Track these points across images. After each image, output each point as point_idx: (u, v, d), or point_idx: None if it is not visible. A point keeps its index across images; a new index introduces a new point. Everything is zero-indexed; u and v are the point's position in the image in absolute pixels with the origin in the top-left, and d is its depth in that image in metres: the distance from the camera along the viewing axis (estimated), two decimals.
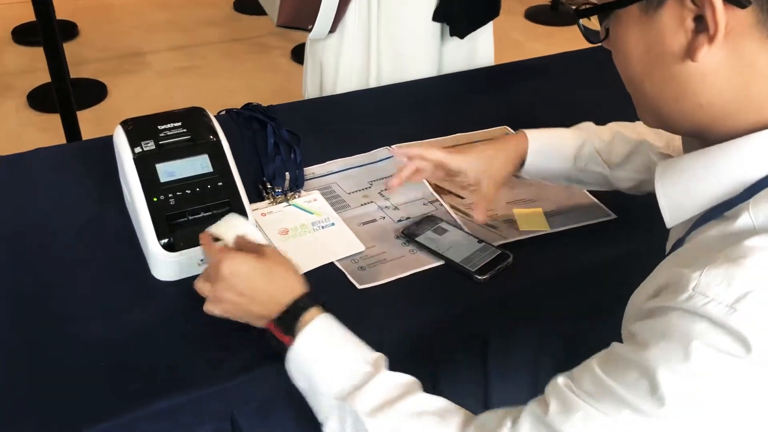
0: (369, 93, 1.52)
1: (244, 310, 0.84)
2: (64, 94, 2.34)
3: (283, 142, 1.31)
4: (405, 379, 0.76)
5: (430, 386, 0.77)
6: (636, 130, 1.07)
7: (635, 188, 1.08)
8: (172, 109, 1.06)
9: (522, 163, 1.05)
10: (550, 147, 1.05)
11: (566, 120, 1.43)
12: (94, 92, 3.09)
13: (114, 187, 1.11)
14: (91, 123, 2.82)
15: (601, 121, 1.47)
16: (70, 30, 3.56)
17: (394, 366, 1.00)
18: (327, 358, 0.78)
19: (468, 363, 1.03)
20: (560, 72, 1.63)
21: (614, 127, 1.08)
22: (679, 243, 0.68)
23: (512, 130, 1.38)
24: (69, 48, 3.02)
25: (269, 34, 3.64)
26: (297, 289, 0.83)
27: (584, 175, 1.07)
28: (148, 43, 3.55)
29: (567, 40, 3.51)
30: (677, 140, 1.05)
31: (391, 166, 1.26)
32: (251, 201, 1.15)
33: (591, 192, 1.19)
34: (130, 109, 3.23)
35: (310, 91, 1.57)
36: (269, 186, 1.18)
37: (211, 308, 0.86)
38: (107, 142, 1.07)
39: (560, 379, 0.64)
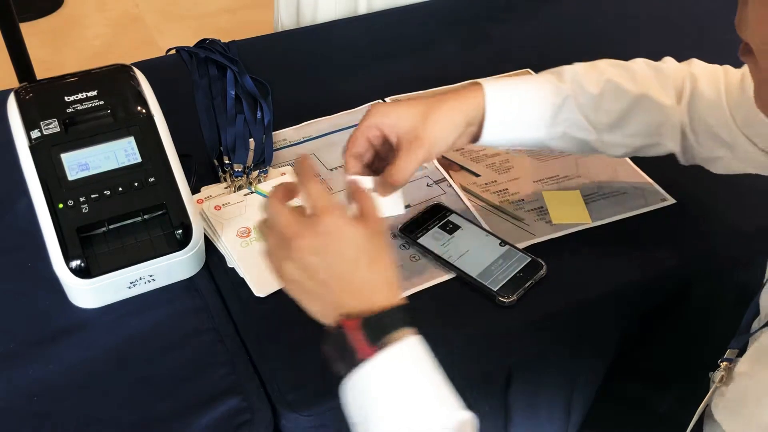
0: (357, 22, 1.22)
1: (322, 290, 0.58)
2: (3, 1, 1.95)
3: (247, 96, 1.02)
4: None
5: None
6: (634, 78, 0.78)
7: (627, 155, 0.82)
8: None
9: (474, 130, 0.76)
10: (519, 111, 0.75)
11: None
12: None
13: None
14: (40, 38, 2.48)
15: (652, 55, 1.17)
16: None
17: None
18: (400, 397, 0.56)
19: (485, 403, 0.80)
20: None
21: (605, 71, 0.78)
22: None
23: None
24: None
25: None
26: (396, 292, 0.60)
27: (560, 142, 0.79)
28: None
29: None
30: (696, 90, 0.77)
31: None
32: (204, 183, 0.89)
33: (633, 160, 0.93)
34: (90, 21, 2.91)
35: (285, 21, 1.26)
36: (227, 161, 0.91)
37: (277, 273, 0.60)
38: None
39: None
